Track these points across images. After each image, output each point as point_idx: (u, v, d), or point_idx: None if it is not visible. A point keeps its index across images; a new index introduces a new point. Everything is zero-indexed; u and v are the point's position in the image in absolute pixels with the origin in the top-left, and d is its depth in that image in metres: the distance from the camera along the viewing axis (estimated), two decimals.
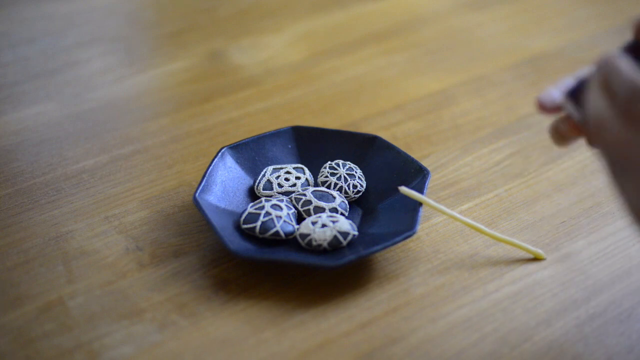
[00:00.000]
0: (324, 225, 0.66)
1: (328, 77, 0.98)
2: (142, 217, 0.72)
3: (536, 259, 0.67)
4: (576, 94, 0.53)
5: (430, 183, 0.76)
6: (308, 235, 0.66)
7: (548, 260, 0.67)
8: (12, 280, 0.64)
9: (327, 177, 0.73)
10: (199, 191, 0.68)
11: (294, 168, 0.74)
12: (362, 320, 0.61)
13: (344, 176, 0.73)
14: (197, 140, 0.84)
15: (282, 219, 0.67)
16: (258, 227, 0.66)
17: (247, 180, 0.74)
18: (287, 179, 0.73)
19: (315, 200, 0.70)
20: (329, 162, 0.74)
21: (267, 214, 0.67)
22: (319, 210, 0.69)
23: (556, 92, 0.55)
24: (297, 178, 0.73)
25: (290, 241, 0.67)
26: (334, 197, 0.70)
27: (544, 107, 0.55)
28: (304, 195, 0.70)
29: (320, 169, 0.75)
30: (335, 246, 0.66)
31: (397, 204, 0.70)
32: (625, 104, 0.46)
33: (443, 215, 0.71)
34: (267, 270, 0.65)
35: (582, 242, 0.69)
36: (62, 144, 0.83)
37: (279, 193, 0.72)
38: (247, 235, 0.67)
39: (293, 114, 0.90)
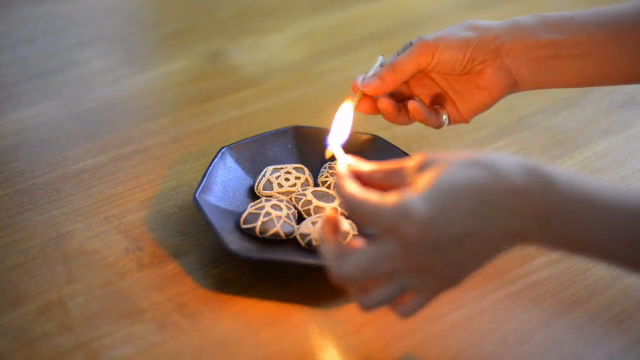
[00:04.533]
0: None
1: (328, 77, 0.98)
2: (142, 217, 0.72)
3: None
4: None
5: None
6: (308, 235, 0.66)
7: (548, 260, 0.66)
8: (12, 280, 0.64)
9: (327, 177, 0.73)
10: (199, 191, 0.68)
11: (294, 168, 0.74)
12: (362, 320, 0.61)
13: None
14: (197, 140, 0.84)
15: (282, 219, 0.67)
16: (258, 227, 0.66)
17: (247, 180, 0.74)
18: (287, 179, 0.73)
19: (315, 200, 0.70)
20: (329, 162, 0.74)
21: (267, 214, 0.67)
22: (319, 210, 0.69)
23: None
24: (297, 178, 0.73)
25: (290, 241, 0.67)
26: (334, 197, 0.70)
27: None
28: (304, 195, 0.70)
29: (320, 169, 0.75)
30: None
31: None
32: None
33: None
34: (267, 270, 0.65)
35: None
36: (62, 144, 0.83)
37: (279, 193, 0.72)
38: (247, 235, 0.67)
39: (293, 114, 0.90)
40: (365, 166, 0.56)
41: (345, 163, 0.56)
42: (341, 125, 0.63)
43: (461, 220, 0.49)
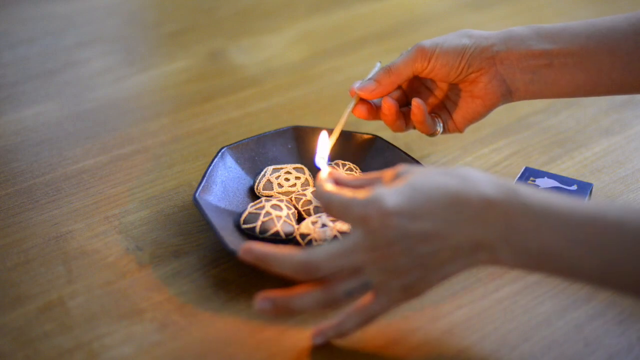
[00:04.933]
0: (324, 225, 0.66)
1: (328, 77, 0.98)
2: (142, 217, 0.72)
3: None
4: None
5: None
6: (308, 235, 0.66)
7: None
8: (12, 280, 0.64)
9: None
10: (199, 191, 0.68)
11: (294, 168, 0.74)
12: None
13: None
14: (197, 140, 0.84)
15: (282, 219, 0.67)
16: (258, 227, 0.66)
17: (247, 180, 0.74)
18: (287, 179, 0.73)
19: (315, 200, 0.70)
20: (329, 162, 0.74)
21: (267, 214, 0.67)
22: (319, 210, 0.69)
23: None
24: (297, 178, 0.73)
25: (290, 241, 0.67)
26: None
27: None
28: (304, 195, 0.70)
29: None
30: None
31: None
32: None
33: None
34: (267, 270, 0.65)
35: None
36: (62, 144, 0.83)
37: (279, 193, 0.72)
38: (247, 235, 0.67)
39: (293, 114, 0.90)
40: (346, 176, 0.60)
41: (327, 172, 0.61)
42: (323, 147, 0.68)
43: (429, 217, 0.52)
